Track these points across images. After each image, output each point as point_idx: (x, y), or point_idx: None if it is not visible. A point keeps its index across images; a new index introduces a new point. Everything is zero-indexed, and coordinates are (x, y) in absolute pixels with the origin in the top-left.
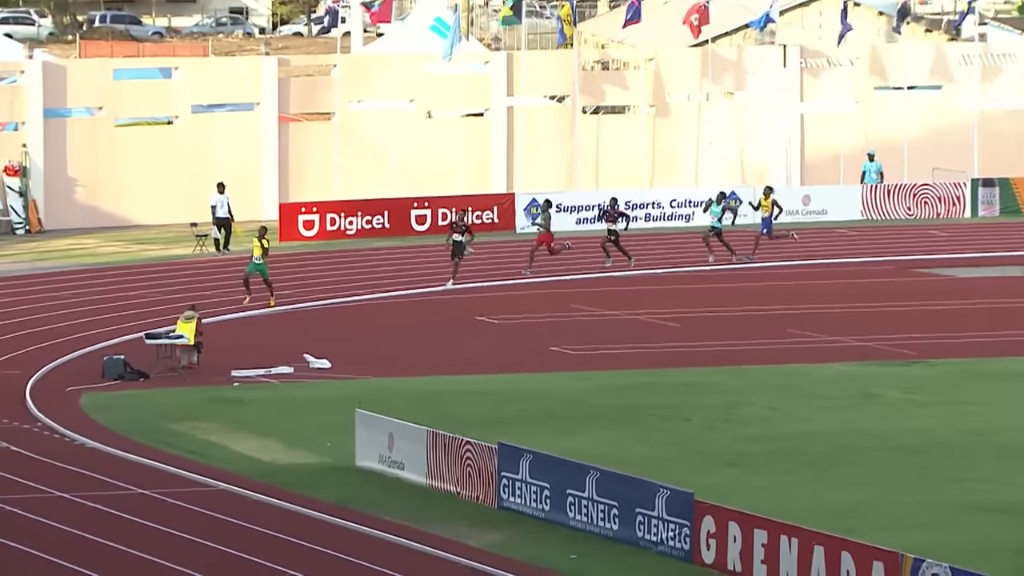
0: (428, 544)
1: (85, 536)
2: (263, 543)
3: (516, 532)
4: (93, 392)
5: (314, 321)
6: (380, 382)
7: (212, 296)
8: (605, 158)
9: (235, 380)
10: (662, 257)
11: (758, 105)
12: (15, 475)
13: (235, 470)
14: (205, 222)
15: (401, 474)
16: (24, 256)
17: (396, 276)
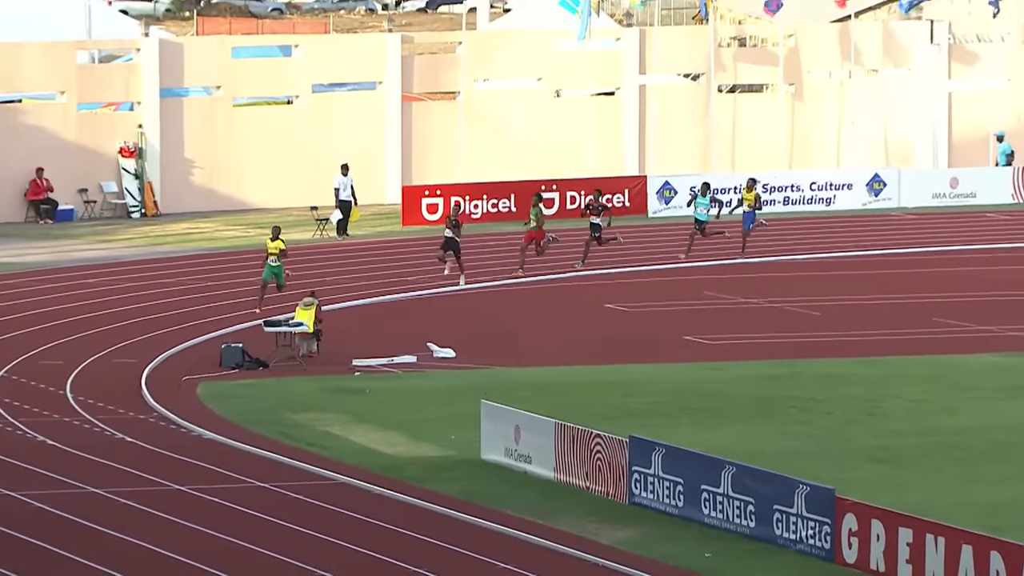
0: (555, 541)
1: (202, 530)
2: (385, 538)
3: (647, 529)
4: (210, 381)
5: (438, 309)
6: (506, 372)
7: (333, 282)
8: (741, 139)
9: (356, 369)
10: (801, 242)
11: (903, 83)
12: (131, 467)
13: (357, 463)
14: (326, 205)
15: (528, 468)
16: (140, 241)
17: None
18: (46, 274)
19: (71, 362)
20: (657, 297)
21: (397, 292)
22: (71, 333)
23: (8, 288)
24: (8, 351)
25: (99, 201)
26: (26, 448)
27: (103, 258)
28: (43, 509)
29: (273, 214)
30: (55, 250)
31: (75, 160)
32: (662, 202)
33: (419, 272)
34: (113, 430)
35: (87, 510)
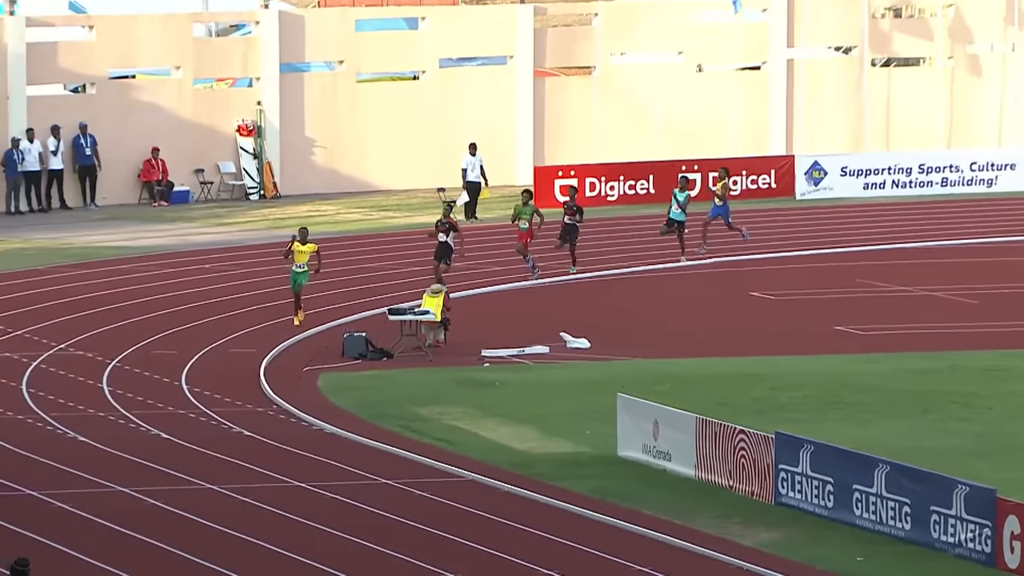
0: (695, 542)
1: (323, 529)
2: (515, 538)
3: (794, 531)
4: (332, 372)
5: (571, 296)
6: (644, 363)
7: (460, 268)
8: (896, 116)
9: (485, 360)
10: (959, 226)
11: None
12: (249, 462)
13: (486, 459)
14: (453, 187)
15: (667, 465)
16: (258, 224)
17: (662, 248)
18: (160, 259)
19: (186, 351)
20: (805, 284)
21: (527, 278)
22: (186, 321)
23: (121, 273)
24: (120, 340)
25: (216, 182)
26: (139, 442)
27: (220, 242)
28: (156, 506)
29: (398, 196)
30: (170, 234)
31: (191, 139)
32: (811, 183)
33: (552, 257)
34: (230, 423)
35: (202, 507)
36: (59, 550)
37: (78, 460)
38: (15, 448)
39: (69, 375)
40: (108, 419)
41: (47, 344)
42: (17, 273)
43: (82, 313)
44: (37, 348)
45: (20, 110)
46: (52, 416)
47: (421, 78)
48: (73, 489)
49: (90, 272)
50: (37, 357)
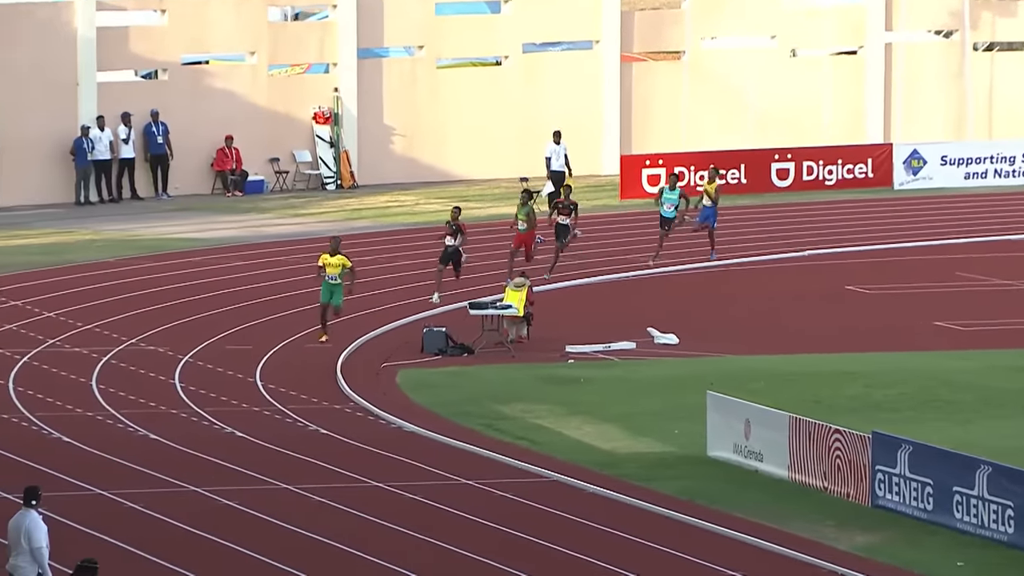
0: (787, 546)
1: (401, 530)
2: (600, 541)
3: (892, 534)
4: (411, 368)
5: (659, 290)
6: (735, 360)
7: (544, 261)
8: (999, 102)
9: (570, 356)
10: None
11: None
12: (326, 462)
13: (570, 459)
14: (537, 176)
15: (759, 466)
16: (335, 214)
17: (753, 239)
18: (233, 251)
19: (260, 346)
20: (903, 278)
21: (615, 271)
22: (260, 315)
23: (193, 266)
24: (193, 335)
25: (291, 171)
26: (212, 440)
27: (295, 233)
28: (230, 506)
29: (479, 186)
30: (243, 225)
31: (265, 127)
32: (909, 173)
33: (639, 249)
34: (306, 421)
35: (277, 507)
36: (130, 551)
37: (149, 459)
38: (85, 446)
39: (140, 371)
40: (180, 416)
41: (118, 339)
42: (87, 265)
43: (153, 307)
44: (107, 343)
45: (90, 97)
46: (123, 413)
47: (503, 64)
48: (144, 489)
49: (161, 264)
50: (107, 352)
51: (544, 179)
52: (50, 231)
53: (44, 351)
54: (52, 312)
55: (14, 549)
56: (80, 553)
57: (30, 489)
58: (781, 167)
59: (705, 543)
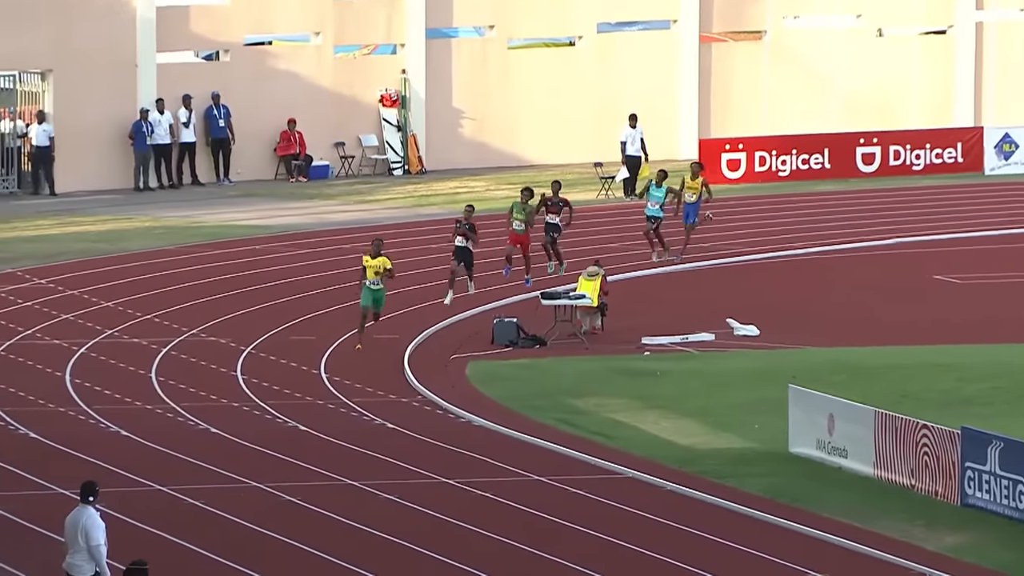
0: (874, 546)
1: (469, 528)
2: (678, 540)
3: (982, 534)
4: (480, 360)
5: (739, 279)
6: (818, 352)
7: (619, 249)
8: None
9: (646, 348)
10: None
11: None
12: (392, 457)
13: (646, 455)
14: (611, 161)
15: (843, 463)
16: (403, 201)
17: (838, 226)
18: (297, 238)
19: (325, 337)
20: (996, 267)
21: (693, 260)
22: (325, 305)
23: (256, 254)
24: (255, 325)
25: (357, 156)
26: (275, 434)
27: (361, 220)
28: (293, 503)
29: (551, 171)
30: (308, 211)
31: (331, 110)
32: (1001, 157)
33: (717, 237)
34: (372, 415)
35: (343, 504)
36: (190, 549)
37: (210, 453)
38: (143, 440)
39: (201, 362)
40: (242, 410)
41: (178, 329)
42: (146, 253)
43: (214, 296)
44: (167, 333)
45: (149, 79)
46: (183, 407)
47: (577, 44)
48: (205, 485)
49: (223, 252)
50: (167, 343)
51: (619, 164)
52: (108, 218)
53: (102, 342)
54: (110, 301)
55: (71, 547)
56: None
57: (87, 485)
58: (866, 151)
59: (787, 543)
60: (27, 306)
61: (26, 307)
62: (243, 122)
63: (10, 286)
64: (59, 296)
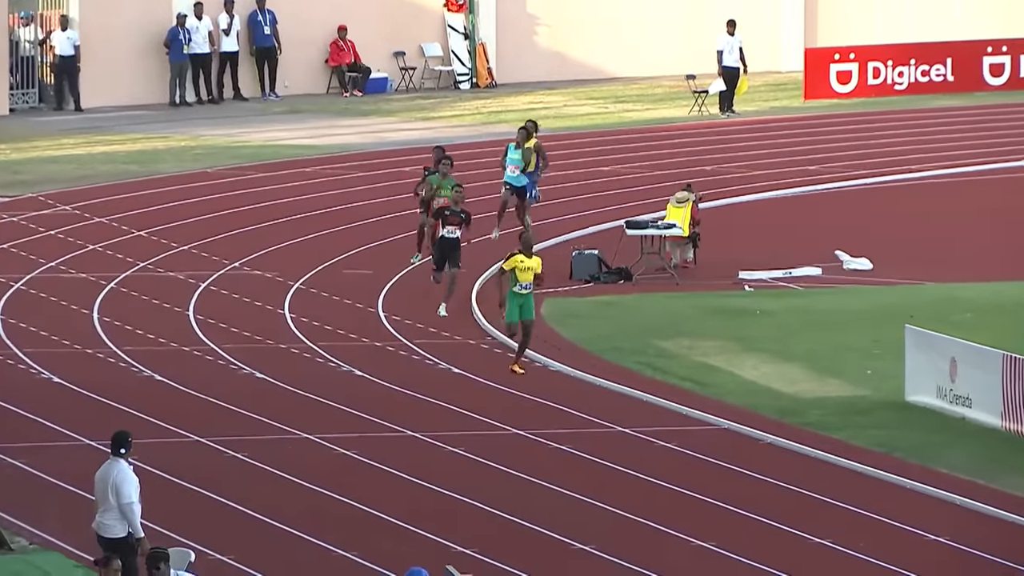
0: (1001, 506)
1: (545, 485)
2: (781, 498)
3: None
4: (558, 297)
5: (850, 206)
6: (938, 288)
7: (714, 172)
8: None
9: (744, 284)
10: None
11: None
12: (458, 406)
13: (744, 404)
14: (706, 74)
15: (967, 412)
16: (471, 118)
17: (962, 146)
18: (352, 160)
19: (383, 272)
20: None
21: (797, 184)
22: (382, 236)
23: (306, 177)
24: (305, 257)
25: (419, 68)
26: (328, 380)
27: (424, 140)
28: (347, 455)
29: (638, 85)
30: (364, 129)
31: (389, 16)
32: None
33: (826, 159)
34: (436, 358)
35: (402, 457)
36: (230, 507)
37: (254, 400)
38: (180, 386)
39: (244, 299)
40: (290, 352)
41: (218, 262)
42: (182, 176)
43: (259, 225)
44: (206, 266)
45: None
46: (224, 348)
47: None
48: (248, 435)
49: (268, 176)
50: (206, 277)
51: (715, 76)
52: (140, 136)
53: (133, 275)
54: (142, 231)
55: (101, 504)
56: (176, 509)
57: (119, 435)
58: (995, 62)
59: (904, 502)
60: (49, 235)
61: (48, 236)
62: (291, 29)
63: (31, 212)
64: (85, 224)
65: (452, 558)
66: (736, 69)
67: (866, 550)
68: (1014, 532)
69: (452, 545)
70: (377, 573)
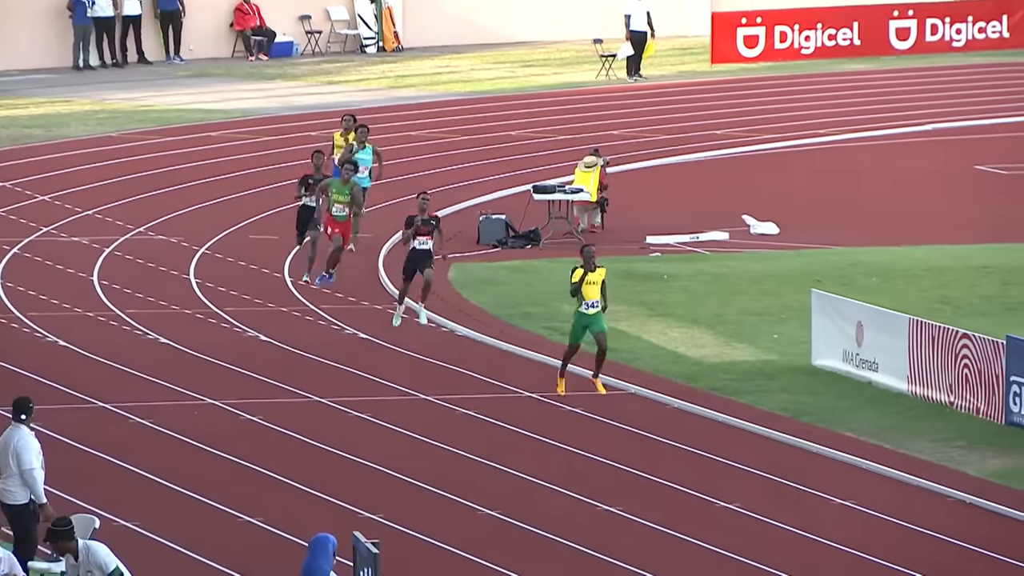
0: (907, 470)
1: (452, 450)
2: (687, 463)
3: None
4: (465, 262)
5: (757, 170)
6: (845, 253)
7: (621, 136)
8: None
9: (652, 249)
10: None
11: None
12: (366, 371)
13: (651, 369)
14: (613, 38)
15: (873, 377)
16: (376, 83)
17: (868, 111)
18: (258, 124)
19: (289, 236)
20: None
21: (705, 149)
22: (289, 200)
23: (212, 142)
24: (211, 222)
25: (325, 31)
26: (233, 345)
27: (330, 104)
28: (253, 422)
29: (545, 49)
30: (269, 94)
31: None
32: None
33: (733, 123)
34: (342, 324)
35: (308, 423)
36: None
37: (159, 366)
38: (84, 351)
39: (149, 264)
40: (195, 317)
41: (123, 227)
42: (86, 140)
43: (164, 190)
44: (111, 231)
45: None
46: (128, 314)
47: None
48: (154, 401)
49: (173, 140)
50: (111, 242)
51: (623, 40)
52: (44, 100)
53: (37, 241)
54: (46, 195)
55: (4, 471)
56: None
57: (19, 402)
58: (901, 26)
59: (810, 466)
60: None
61: None
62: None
63: None
64: None
65: (359, 524)
66: (644, 33)
67: (773, 514)
68: (919, 495)
69: (359, 511)
70: (283, 539)
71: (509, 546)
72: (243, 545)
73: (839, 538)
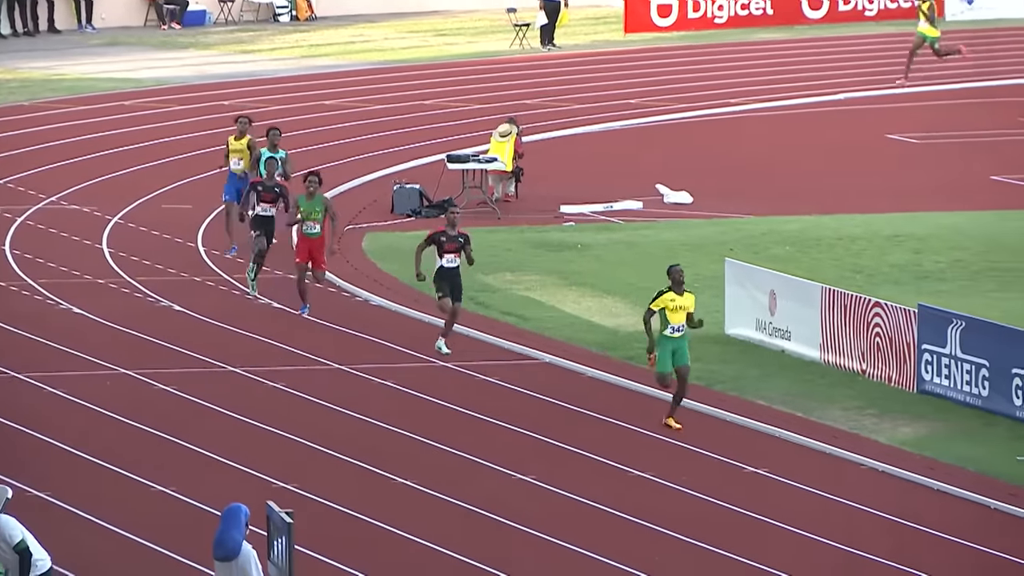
0: (820, 438)
1: (366, 420)
2: (601, 432)
3: (941, 425)
4: (379, 232)
5: (671, 140)
6: (758, 222)
7: (536, 105)
8: None
9: (566, 218)
10: None
11: None
12: (280, 340)
13: (566, 338)
14: (527, 8)
15: (786, 345)
16: (289, 52)
17: (781, 80)
18: (171, 93)
19: (202, 206)
20: (954, 125)
21: (619, 118)
22: (203, 169)
23: (124, 111)
24: (123, 191)
25: (238, 0)
26: (146, 315)
27: (243, 73)
28: (165, 390)
29: (459, 18)
30: (183, 62)
31: None
32: (964, 2)
33: (647, 92)
34: (257, 293)
35: (225, 394)
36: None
37: (70, 336)
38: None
39: (61, 234)
40: (108, 287)
41: (34, 196)
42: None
43: (76, 159)
44: (23, 200)
45: None
46: (40, 283)
47: None
48: (62, 372)
49: (86, 109)
50: (23, 212)
51: (537, 10)
52: None
53: None
54: None
55: None
56: None
57: None
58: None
59: (722, 435)
60: None
61: None
62: None
63: None
64: None
65: (272, 494)
66: (557, 2)
67: (687, 483)
68: (829, 463)
69: (272, 480)
70: (196, 509)
71: (423, 515)
72: (156, 515)
73: (751, 507)
